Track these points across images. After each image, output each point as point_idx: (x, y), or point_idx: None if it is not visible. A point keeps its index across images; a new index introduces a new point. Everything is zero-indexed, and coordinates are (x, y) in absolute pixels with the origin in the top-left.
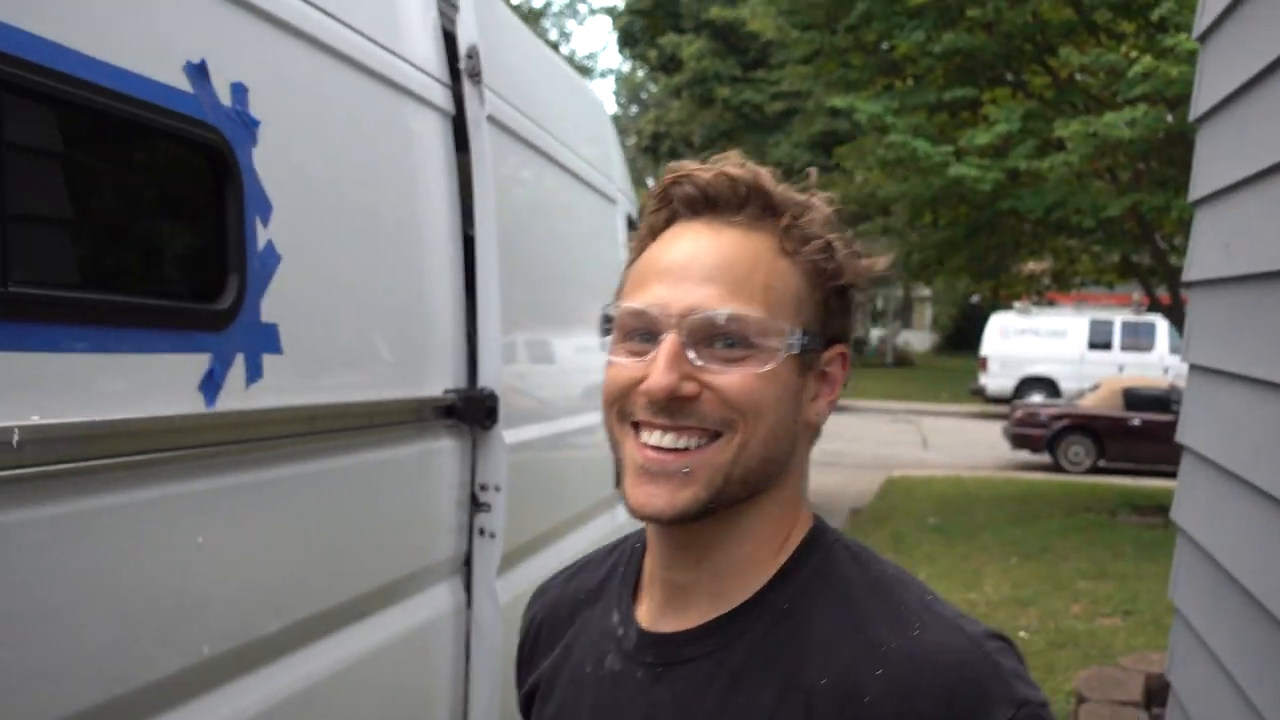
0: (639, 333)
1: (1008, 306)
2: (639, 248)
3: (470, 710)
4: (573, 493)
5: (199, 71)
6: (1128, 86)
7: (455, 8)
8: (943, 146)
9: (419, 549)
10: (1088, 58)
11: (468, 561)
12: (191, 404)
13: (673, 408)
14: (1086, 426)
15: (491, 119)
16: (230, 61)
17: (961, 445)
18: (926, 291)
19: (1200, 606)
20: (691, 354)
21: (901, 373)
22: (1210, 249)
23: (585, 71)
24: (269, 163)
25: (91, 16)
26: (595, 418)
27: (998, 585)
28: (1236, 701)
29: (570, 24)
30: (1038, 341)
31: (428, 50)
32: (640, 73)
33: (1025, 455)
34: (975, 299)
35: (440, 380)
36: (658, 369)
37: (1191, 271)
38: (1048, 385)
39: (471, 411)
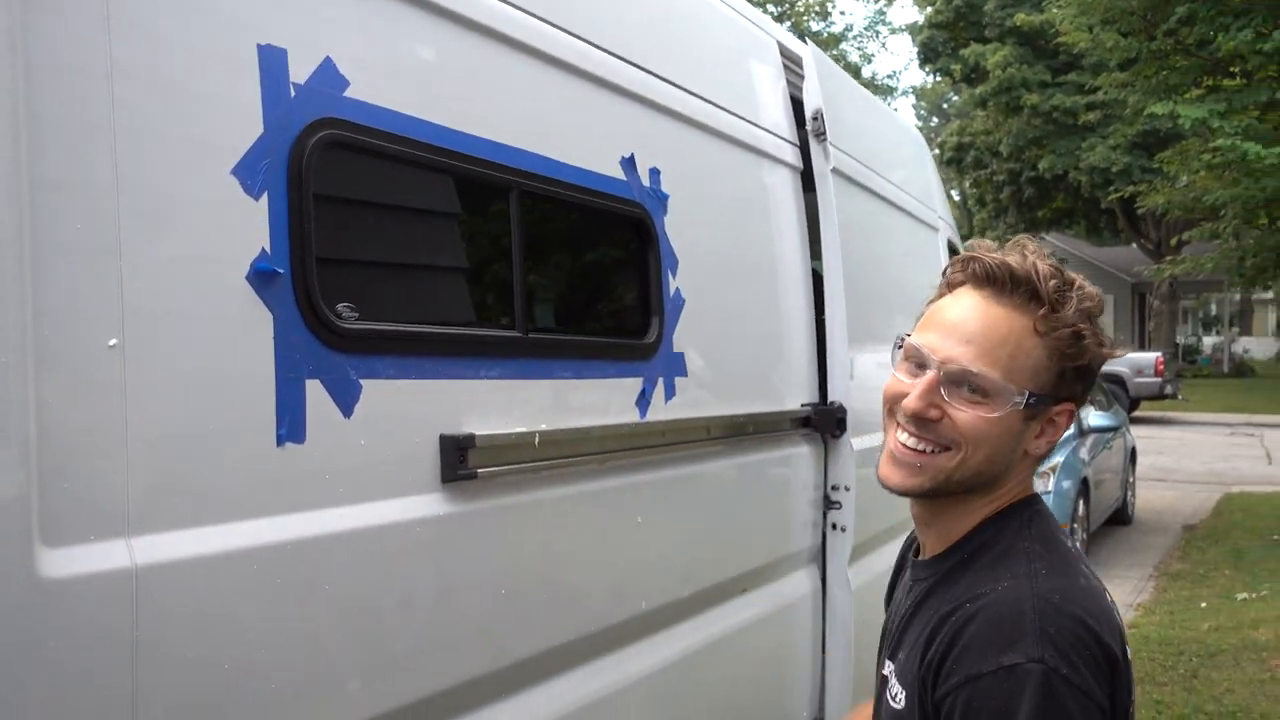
0: (915, 361)
1: None
2: (940, 293)
3: (828, 674)
4: None
5: (630, 163)
6: None
7: (801, 76)
8: (1276, 148)
9: (785, 537)
10: None
11: (823, 552)
12: (632, 416)
13: (919, 422)
14: None
15: (835, 170)
16: (649, 151)
17: None
18: (1267, 295)
19: None
20: (943, 390)
21: (1240, 383)
22: None
23: (888, 91)
24: (675, 226)
25: (567, 135)
26: None
27: None
28: None
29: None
30: None
31: (779, 117)
32: (942, 86)
33: None
34: None
35: (798, 396)
36: (914, 394)
37: None
38: None
39: (824, 422)
